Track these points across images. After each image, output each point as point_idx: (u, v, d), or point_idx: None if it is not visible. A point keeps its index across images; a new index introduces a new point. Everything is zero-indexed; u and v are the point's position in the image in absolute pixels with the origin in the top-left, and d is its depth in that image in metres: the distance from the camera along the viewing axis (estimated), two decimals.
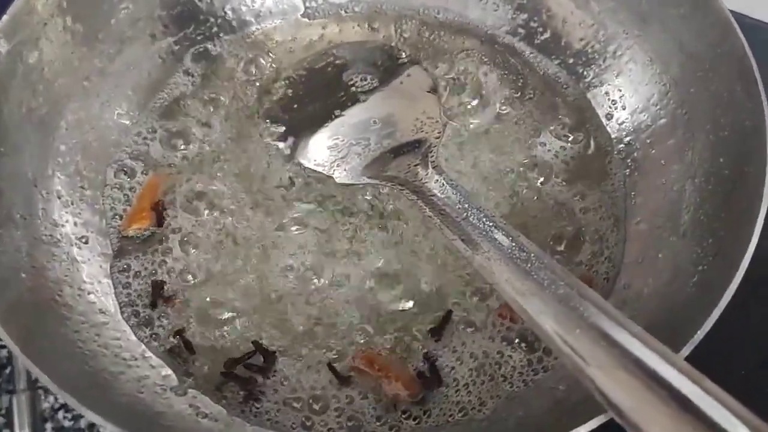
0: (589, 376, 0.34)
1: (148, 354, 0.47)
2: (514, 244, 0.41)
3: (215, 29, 0.61)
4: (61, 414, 0.51)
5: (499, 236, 0.41)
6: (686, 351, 0.36)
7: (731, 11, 0.47)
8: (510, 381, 0.47)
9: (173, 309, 0.49)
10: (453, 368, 0.47)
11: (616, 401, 0.32)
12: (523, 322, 0.47)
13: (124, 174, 0.54)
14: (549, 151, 0.55)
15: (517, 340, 0.48)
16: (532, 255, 0.40)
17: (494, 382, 0.47)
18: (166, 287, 0.50)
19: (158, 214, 0.52)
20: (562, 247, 0.52)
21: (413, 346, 0.48)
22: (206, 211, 0.53)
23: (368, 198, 0.53)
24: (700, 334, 0.36)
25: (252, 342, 0.48)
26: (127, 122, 0.56)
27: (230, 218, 0.53)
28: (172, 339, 0.48)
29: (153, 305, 0.49)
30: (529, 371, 0.47)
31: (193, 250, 0.51)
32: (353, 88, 0.56)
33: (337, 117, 0.55)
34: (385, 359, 0.47)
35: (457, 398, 0.47)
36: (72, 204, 0.51)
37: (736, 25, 0.46)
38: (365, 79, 0.56)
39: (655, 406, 0.30)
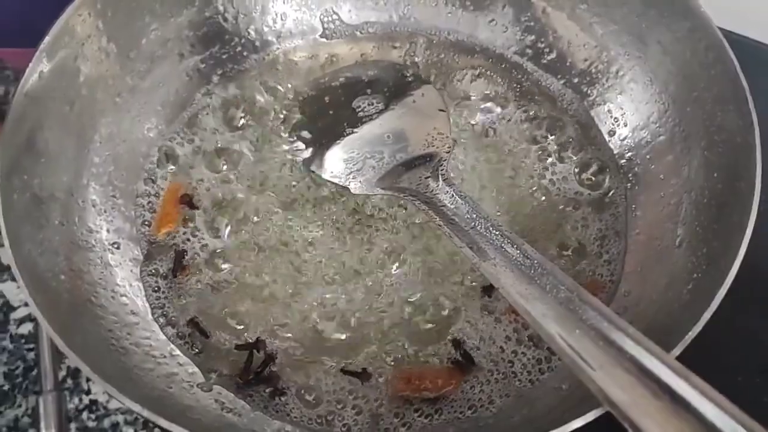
0: (588, 374, 0.37)
1: (176, 352, 0.50)
2: (518, 252, 0.44)
3: (239, 48, 0.64)
4: (85, 414, 0.54)
5: (505, 245, 0.44)
6: (677, 350, 0.39)
7: (725, 30, 0.50)
8: (519, 378, 0.50)
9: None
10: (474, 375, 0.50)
11: (613, 396, 0.35)
12: None
13: (152, 182, 0.57)
14: (554, 165, 0.58)
15: (527, 339, 0.51)
16: (536, 262, 0.43)
17: (507, 380, 0.50)
18: (186, 256, 0.54)
19: (189, 204, 0.56)
20: (565, 257, 0.54)
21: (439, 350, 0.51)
22: (230, 224, 0.56)
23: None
24: (691, 335, 0.39)
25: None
26: (155, 136, 0.59)
27: (254, 228, 0.56)
28: (185, 327, 0.51)
29: (174, 273, 0.53)
30: (537, 371, 0.50)
31: (222, 263, 0.55)
32: (360, 113, 0.59)
33: (352, 132, 0.58)
34: (418, 369, 0.50)
35: (469, 395, 0.49)
36: (105, 212, 0.54)
37: (728, 48, 0.49)
38: (372, 104, 0.59)
39: (648, 400, 0.33)
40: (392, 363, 0.51)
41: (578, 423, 0.38)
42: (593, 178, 0.57)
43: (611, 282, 0.53)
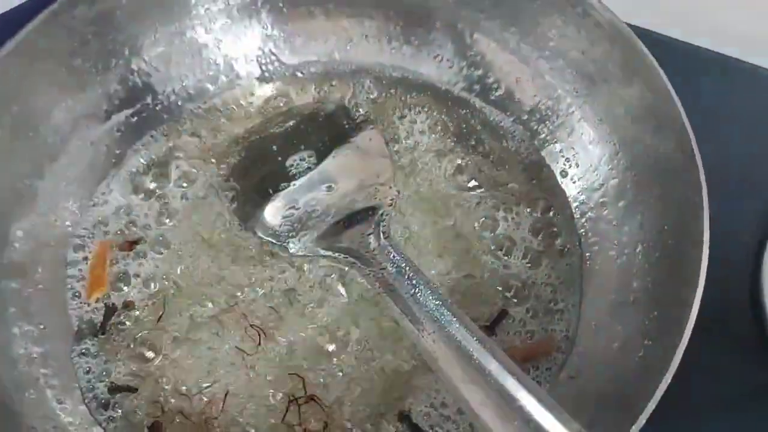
0: None
1: None
2: (458, 325, 0.42)
3: (173, 98, 0.61)
4: None
5: (444, 316, 0.42)
6: None
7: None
8: None
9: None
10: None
11: None
12: None
13: (83, 250, 0.54)
14: (503, 209, 0.55)
15: None
16: (476, 338, 0.41)
17: None
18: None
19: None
20: (517, 312, 0.52)
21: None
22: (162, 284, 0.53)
23: None
24: (642, 419, 0.37)
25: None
26: (84, 201, 0.56)
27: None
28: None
29: (102, 330, 0.51)
30: None
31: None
32: (293, 170, 0.56)
33: (293, 183, 0.55)
34: None
35: None
36: (29, 288, 0.51)
37: (674, 94, 0.46)
38: (304, 159, 0.56)
39: None
40: None
41: None
42: (546, 224, 0.55)
43: (566, 338, 0.50)
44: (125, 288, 0.53)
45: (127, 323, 0.52)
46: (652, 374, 0.39)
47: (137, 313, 0.52)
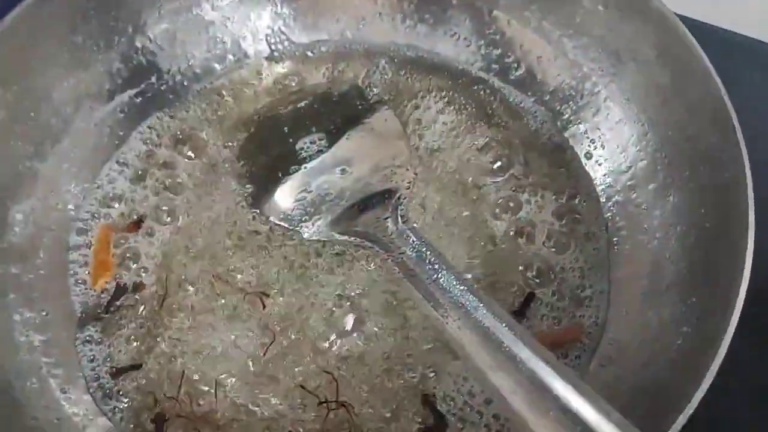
0: None
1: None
2: (485, 311, 0.39)
3: (179, 77, 0.58)
4: None
5: (470, 302, 0.40)
6: None
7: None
8: None
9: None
10: None
11: None
12: None
13: (86, 234, 0.52)
14: (526, 193, 0.53)
15: None
16: (504, 325, 0.38)
17: None
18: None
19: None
20: (542, 299, 0.49)
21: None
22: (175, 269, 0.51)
23: None
24: (681, 420, 0.34)
25: None
26: (87, 185, 0.53)
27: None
28: (149, 424, 0.46)
29: (107, 310, 0.49)
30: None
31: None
32: (303, 154, 0.53)
33: (305, 166, 0.53)
34: None
35: None
36: (30, 274, 0.49)
37: (712, 70, 0.43)
38: (314, 142, 0.54)
39: None
40: None
41: None
42: (570, 208, 0.52)
43: (596, 325, 0.48)
44: (133, 266, 0.51)
45: (133, 305, 0.50)
46: (693, 362, 0.37)
47: (145, 293, 0.50)
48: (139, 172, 0.55)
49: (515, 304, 0.49)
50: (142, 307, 0.50)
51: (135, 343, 0.48)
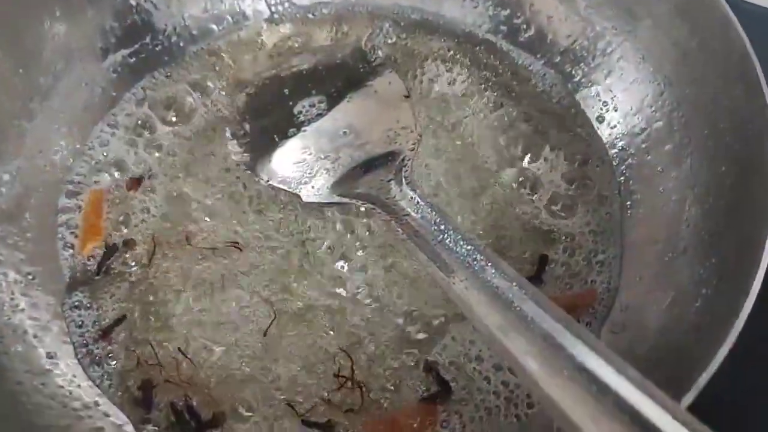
0: (577, 426, 0.30)
1: (102, 401, 0.43)
2: (494, 270, 0.37)
3: (174, 38, 0.56)
4: None
5: (477, 261, 0.37)
6: (689, 398, 0.32)
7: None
8: (505, 414, 0.43)
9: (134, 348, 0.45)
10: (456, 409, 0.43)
11: None
12: None
13: (75, 196, 0.50)
14: (535, 158, 0.51)
15: None
16: (515, 284, 0.36)
17: (491, 416, 0.43)
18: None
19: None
20: (552, 262, 0.47)
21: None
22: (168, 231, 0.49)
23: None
24: (705, 377, 0.32)
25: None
26: (78, 145, 0.51)
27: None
28: (137, 391, 0.44)
29: (99, 270, 0.47)
30: (525, 404, 0.43)
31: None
32: (302, 117, 0.51)
33: (304, 129, 0.51)
34: (388, 415, 0.43)
35: None
36: (17, 236, 0.47)
37: (735, 20, 0.41)
38: (314, 105, 0.51)
39: None
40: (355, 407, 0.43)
41: None
42: (581, 172, 0.50)
43: (608, 290, 0.46)
44: (125, 230, 0.49)
45: (122, 271, 0.48)
46: (714, 323, 0.35)
47: (136, 251, 0.48)
48: (132, 134, 0.53)
49: (528, 269, 0.47)
50: (133, 265, 0.47)
51: (123, 304, 0.46)
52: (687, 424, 0.27)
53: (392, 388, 0.44)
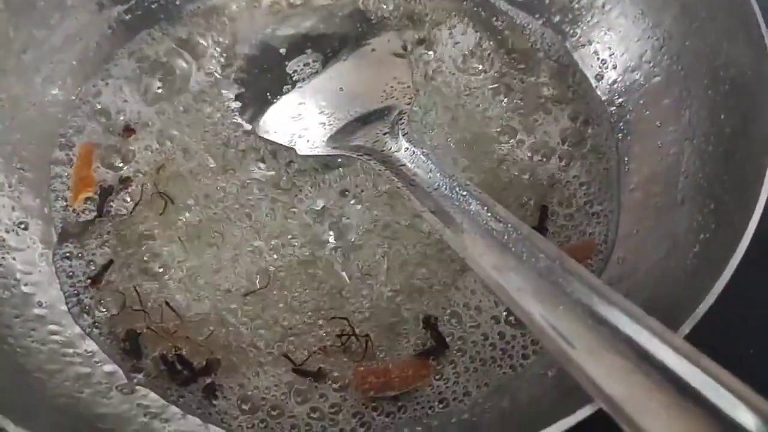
0: (574, 360, 0.30)
1: (91, 348, 0.43)
2: (489, 214, 0.37)
3: None
4: None
5: (473, 206, 0.37)
6: (686, 328, 0.32)
7: None
8: (500, 364, 0.42)
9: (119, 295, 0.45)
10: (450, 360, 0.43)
11: (605, 388, 0.28)
12: None
13: (69, 148, 0.50)
14: (533, 115, 0.51)
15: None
16: (510, 226, 0.36)
17: (486, 367, 0.42)
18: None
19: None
20: (550, 216, 0.47)
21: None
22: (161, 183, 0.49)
23: None
24: (701, 309, 0.32)
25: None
26: (73, 98, 0.51)
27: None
28: (122, 342, 0.43)
29: (99, 212, 0.47)
30: (520, 355, 0.42)
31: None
32: (296, 76, 0.51)
33: (300, 85, 0.51)
34: (382, 365, 0.43)
35: (441, 388, 0.42)
36: (9, 186, 0.46)
37: None
38: (308, 64, 0.51)
39: (649, 393, 0.26)
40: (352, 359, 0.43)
41: (567, 423, 0.30)
42: (579, 129, 0.50)
43: (604, 243, 0.46)
44: (120, 172, 0.49)
45: (123, 201, 0.48)
46: (711, 265, 0.34)
47: (132, 188, 0.49)
48: (125, 89, 0.52)
49: (529, 220, 0.47)
50: (129, 202, 0.48)
51: (111, 249, 0.46)
52: (684, 352, 0.27)
53: (390, 342, 0.43)
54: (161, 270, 0.46)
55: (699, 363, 0.26)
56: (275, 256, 0.46)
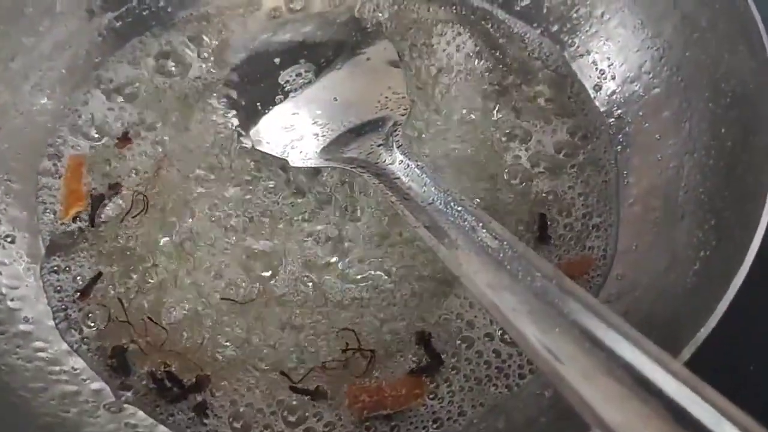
0: (570, 384, 0.29)
1: (79, 365, 0.42)
2: (485, 231, 0.36)
3: (162, 3, 0.55)
4: None
5: (468, 222, 0.36)
6: (686, 354, 0.31)
7: None
8: (495, 384, 0.41)
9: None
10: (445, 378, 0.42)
11: (601, 413, 0.27)
12: None
13: (58, 159, 0.49)
14: (531, 128, 0.50)
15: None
16: (505, 243, 0.35)
17: (481, 386, 0.42)
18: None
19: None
20: (547, 232, 0.46)
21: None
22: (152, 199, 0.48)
23: None
24: (702, 333, 0.31)
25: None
26: (62, 106, 0.50)
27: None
28: (109, 359, 0.42)
29: (92, 222, 0.46)
30: (516, 375, 0.42)
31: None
32: (288, 86, 0.50)
33: (293, 95, 0.50)
34: (375, 384, 0.42)
35: (435, 407, 0.41)
36: None
37: None
38: (300, 75, 0.50)
39: (647, 420, 0.25)
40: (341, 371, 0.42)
41: None
42: (578, 142, 0.49)
43: (603, 258, 0.45)
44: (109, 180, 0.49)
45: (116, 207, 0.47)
46: (713, 283, 0.34)
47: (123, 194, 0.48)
48: (115, 98, 0.52)
49: (528, 237, 0.46)
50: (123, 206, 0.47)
51: (100, 263, 0.45)
52: (683, 378, 0.26)
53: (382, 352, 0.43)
54: (152, 281, 0.45)
55: (699, 390, 0.25)
56: (270, 268, 0.45)
